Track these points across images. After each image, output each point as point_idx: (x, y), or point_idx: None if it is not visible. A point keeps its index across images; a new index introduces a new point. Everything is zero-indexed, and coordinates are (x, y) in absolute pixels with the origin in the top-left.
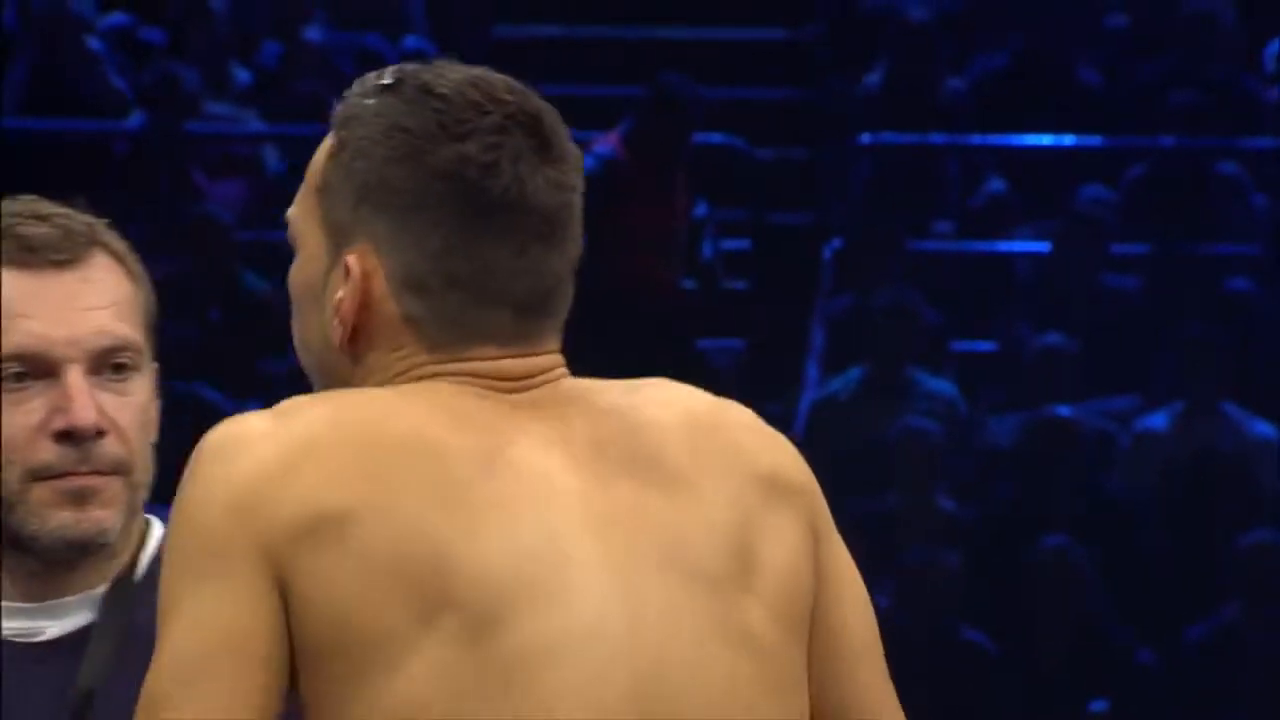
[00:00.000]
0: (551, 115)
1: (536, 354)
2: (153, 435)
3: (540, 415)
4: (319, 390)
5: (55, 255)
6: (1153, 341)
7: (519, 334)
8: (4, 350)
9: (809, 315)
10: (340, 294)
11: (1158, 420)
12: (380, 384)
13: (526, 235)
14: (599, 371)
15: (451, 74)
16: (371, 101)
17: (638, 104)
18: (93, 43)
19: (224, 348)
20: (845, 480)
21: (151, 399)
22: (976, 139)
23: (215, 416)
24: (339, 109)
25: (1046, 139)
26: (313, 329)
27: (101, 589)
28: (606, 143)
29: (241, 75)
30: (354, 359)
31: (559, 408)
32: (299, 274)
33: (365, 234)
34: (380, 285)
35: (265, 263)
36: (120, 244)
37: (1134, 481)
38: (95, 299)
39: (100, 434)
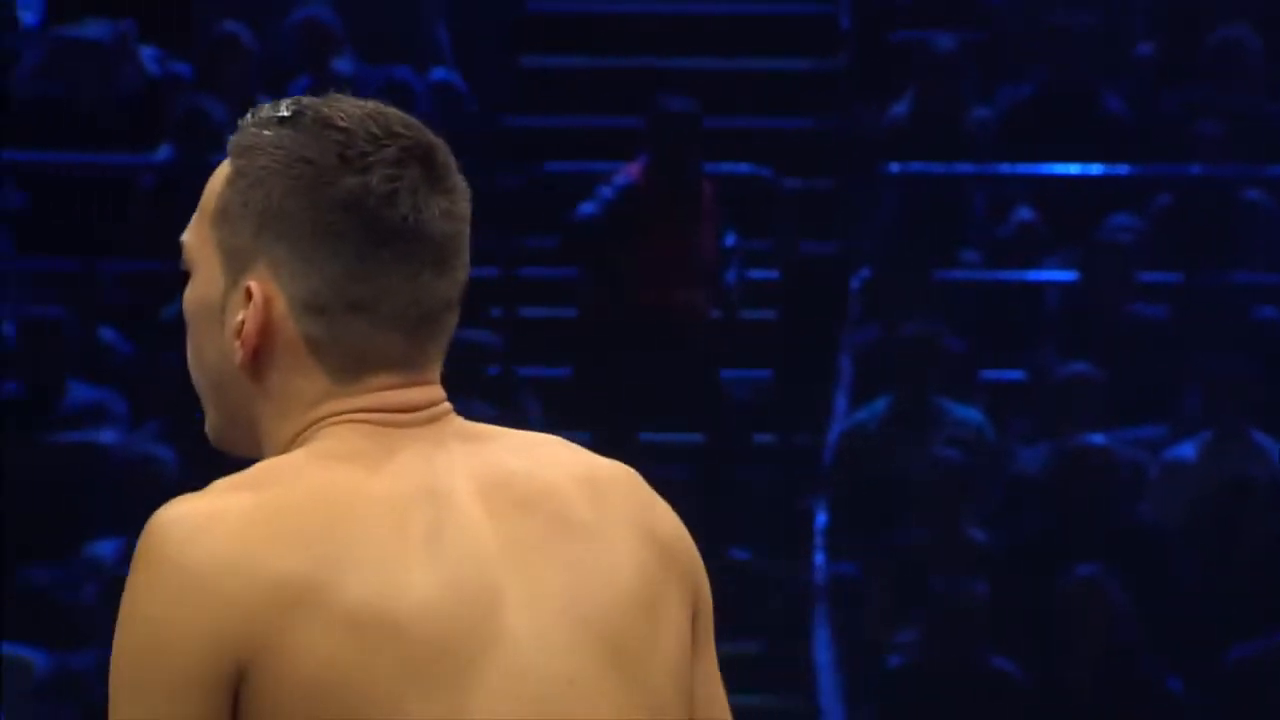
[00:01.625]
0: (444, 149)
1: (428, 382)
2: None
3: (445, 450)
4: (210, 410)
5: None
6: (1181, 370)
7: (411, 359)
8: None
9: (836, 345)
10: (241, 316)
11: (1186, 449)
12: (280, 413)
13: (421, 263)
14: (630, 399)
15: (349, 107)
16: (269, 133)
17: (642, 131)
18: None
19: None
20: (874, 510)
21: None
22: (1004, 168)
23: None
24: (235, 138)
25: (1074, 168)
26: (209, 349)
27: None
28: (627, 173)
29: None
30: (254, 378)
31: (465, 443)
32: (195, 296)
33: (266, 259)
34: (281, 308)
35: None
36: None
37: (1163, 510)
38: None
39: None
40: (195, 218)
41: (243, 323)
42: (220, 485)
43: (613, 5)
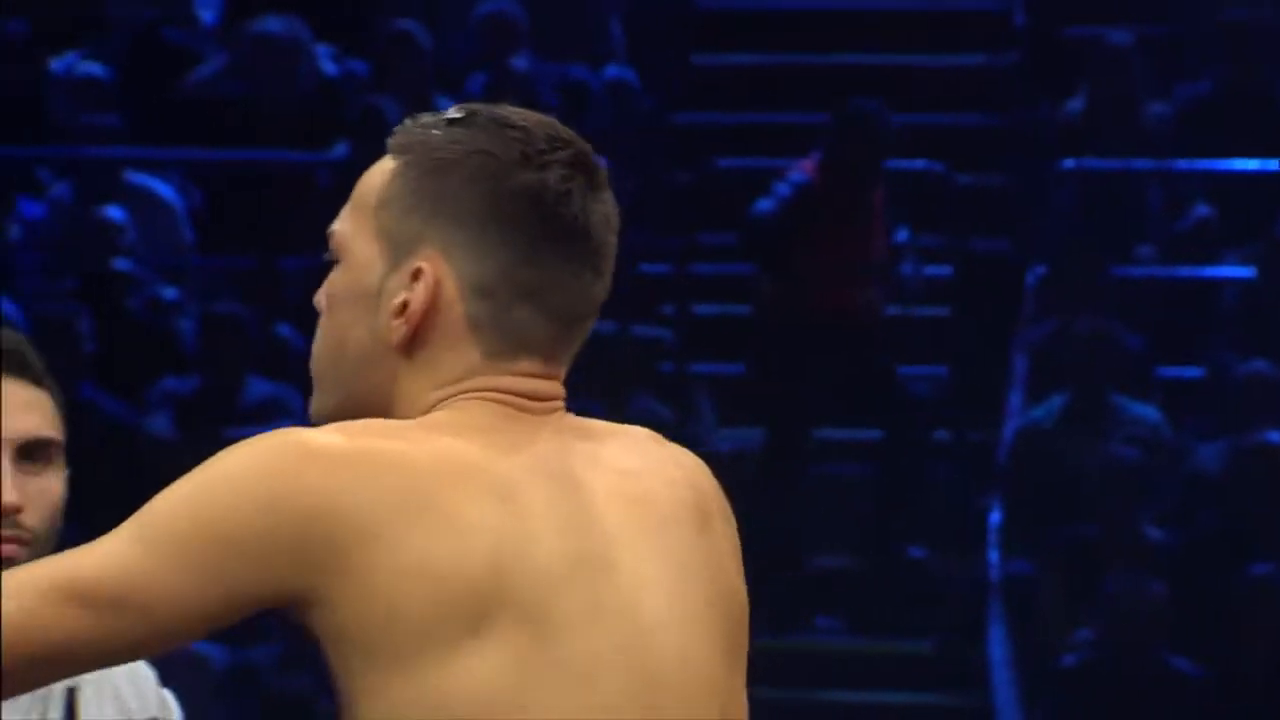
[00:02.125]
0: (602, 164)
1: (559, 377)
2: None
3: (575, 434)
4: (330, 392)
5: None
6: None
7: (554, 353)
8: None
9: (1011, 342)
10: (403, 296)
11: None
12: (428, 386)
13: (583, 263)
14: (805, 396)
15: (522, 112)
16: (439, 131)
17: (828, 129)
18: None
19: None
20: (1049, 508)
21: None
22: (1181, 164)
23: None
24: (399, 137)
25: (1252, 164)
26: (357, 329)
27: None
28: (802, 169)
29: (445, 105)
30: (406, 354)
31: (581, 437)
32: (346, 281)
33: (437, 243)
34: (450, 289)
35: None
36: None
37: None
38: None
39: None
40: (348, 210)
41: (405, 303)
42: (355, 427)
43: (784, 1)
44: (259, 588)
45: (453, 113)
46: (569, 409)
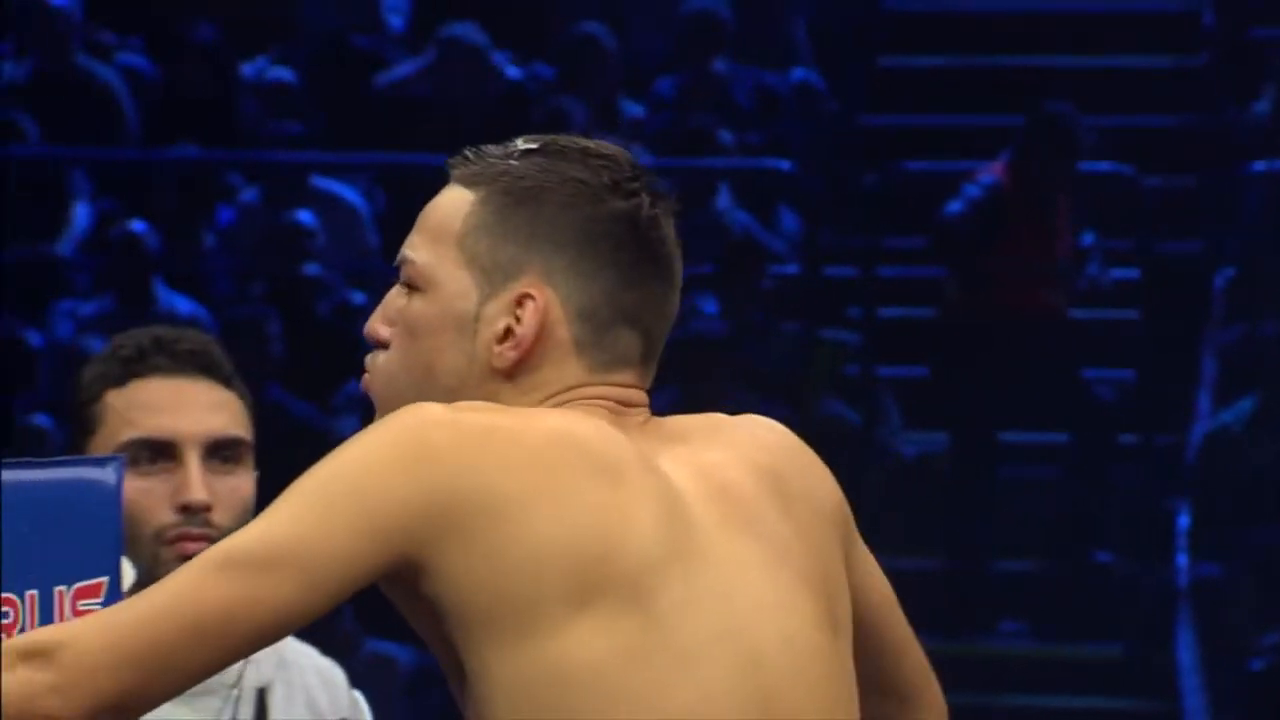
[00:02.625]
0: (667, 189)
1: (646, 388)
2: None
3: (660, 437)
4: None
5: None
6: None
7: (646, 367)
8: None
9: (1200, 345)
10: (504, 323)
11: None
12: (530, 402)
13: (669, 284)
14: (991, 399)
15: (589, 140)
16: (517, 162)
17: (1020, 132)
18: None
19: None
20: (1240, 512)
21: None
22: None
23: None
24: (472, 169)
25: None
26: (450, 357)
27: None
28: (991, 172)
29: (632, 109)
30: (509, 378)
31: (671, 438)
32: (435, 310)
33: (538, 269)
34: (556, 313)
35: None
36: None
37: None
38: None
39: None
40: (423, 239)
41: (508, 329)
42: (478, 405)
43: (969, 4)
44: (385, 542)
45: (526, 144)
46: (760, 410)
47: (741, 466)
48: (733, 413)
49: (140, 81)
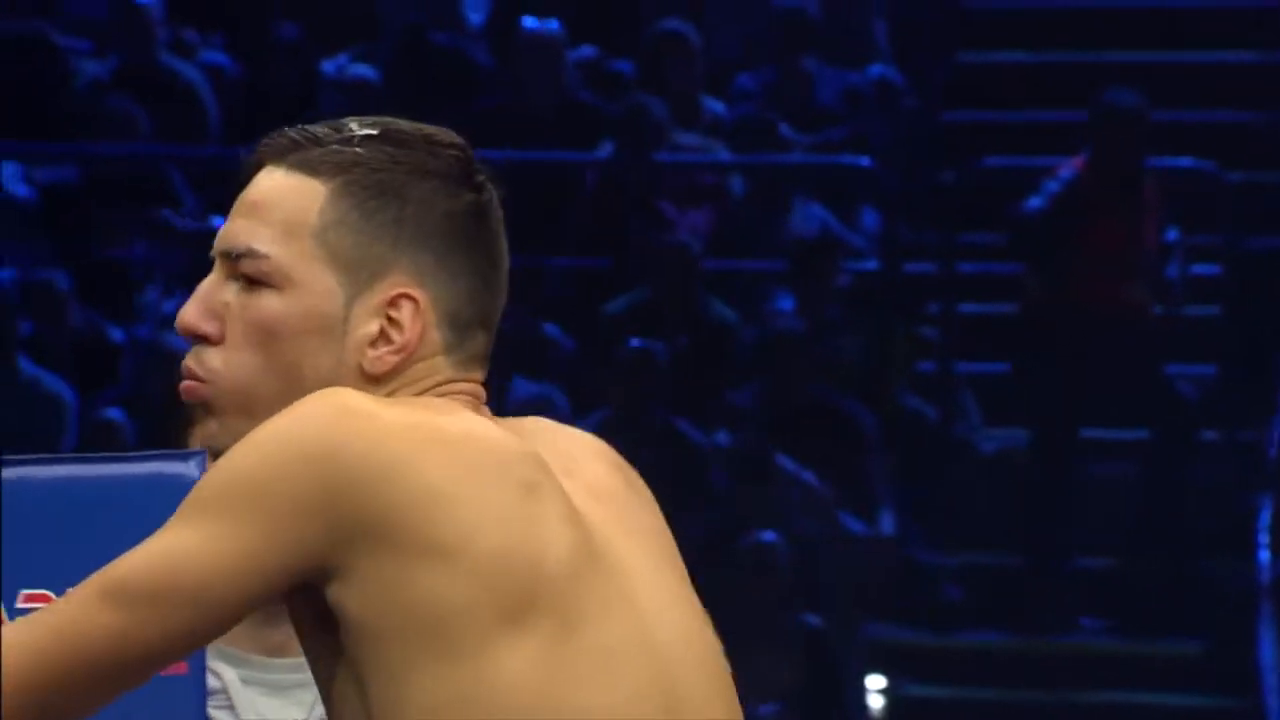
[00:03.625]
0: None
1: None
2: None
3: (521, 433)
4: (256, 421)
5: None
6: None
7: (486, 365)
8: None
9: None
10: (376, 325)
11: None
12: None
13: (504, 277)
14: (1072, 396)
15: (429, 128)
16: (365, 150)
17: (1087, 125)
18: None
19: (692, 376)
20: None
21: None
22: None
23: (686, 446)
24: (309, 154)
25: None
26: (318, 359)
27: None
28: (1070, 167)
29: (713, 105)
30: (375, 381)
31: (527, 428)
32: (297, 310)
33: (406, 268)
34: (428, 315)
35: (731, 292)
36: None
37: None
38: None
39: None
40: (270, 231)
41: (381, 331)
42: (391, 399)
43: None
44: (297, 547)
45: (362, 129)
46: (838, 405)
47: (597, 464)
48: (817, 408)
49: (222, 79)
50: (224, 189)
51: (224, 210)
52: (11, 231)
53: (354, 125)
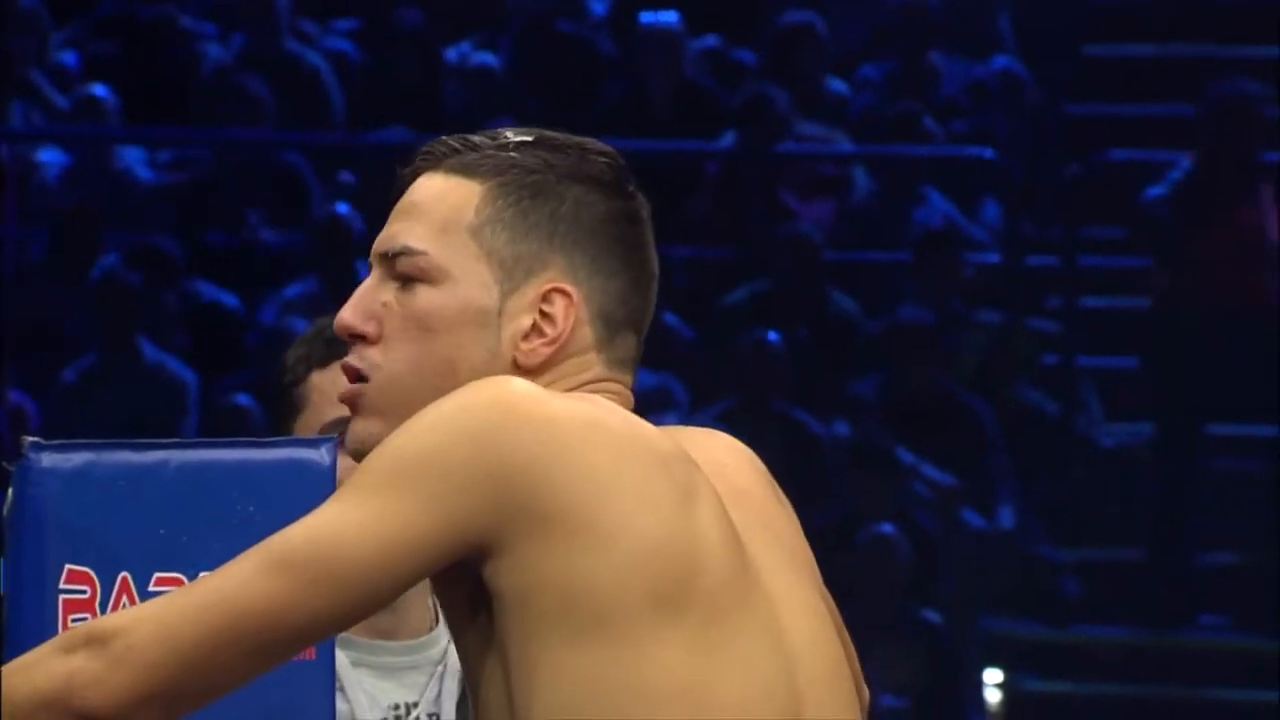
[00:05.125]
0: None
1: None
2: None
3: (675, 437)
4: (407, 415)
5: None
6: None
7: (635, 366)
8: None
9: None
10: (530, 318)
11: None
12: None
13: (654, 289)
14: (1198, 391)
15: (579, 136)
16: (518, 154)
17: (1205, 117)
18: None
19: (813, 367)
20: None
21: None
22: None
23: (806, 437)
24: (467, 158)
25: None
26: (471, 352)
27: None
28: (1192, 160)
29: (833, 96)
30: (530, 377)
31: (677, 432)
32: (453, 304)
33: (562, 264)
34: (581, 311)
35: (853, 283)
36: None
37: None
38: None
39: None
40: (426, 230)
41: (534, 325)
42: (560, 393)
43: None
44: (459, 527)
45: (517, 136)
46: (959, 398)
47: (744, 470)
48: (938, 402)
49: (346, 66)
50: (348, 174)
51: (348, 196)
52: (136, 215)
53: (509, 134)
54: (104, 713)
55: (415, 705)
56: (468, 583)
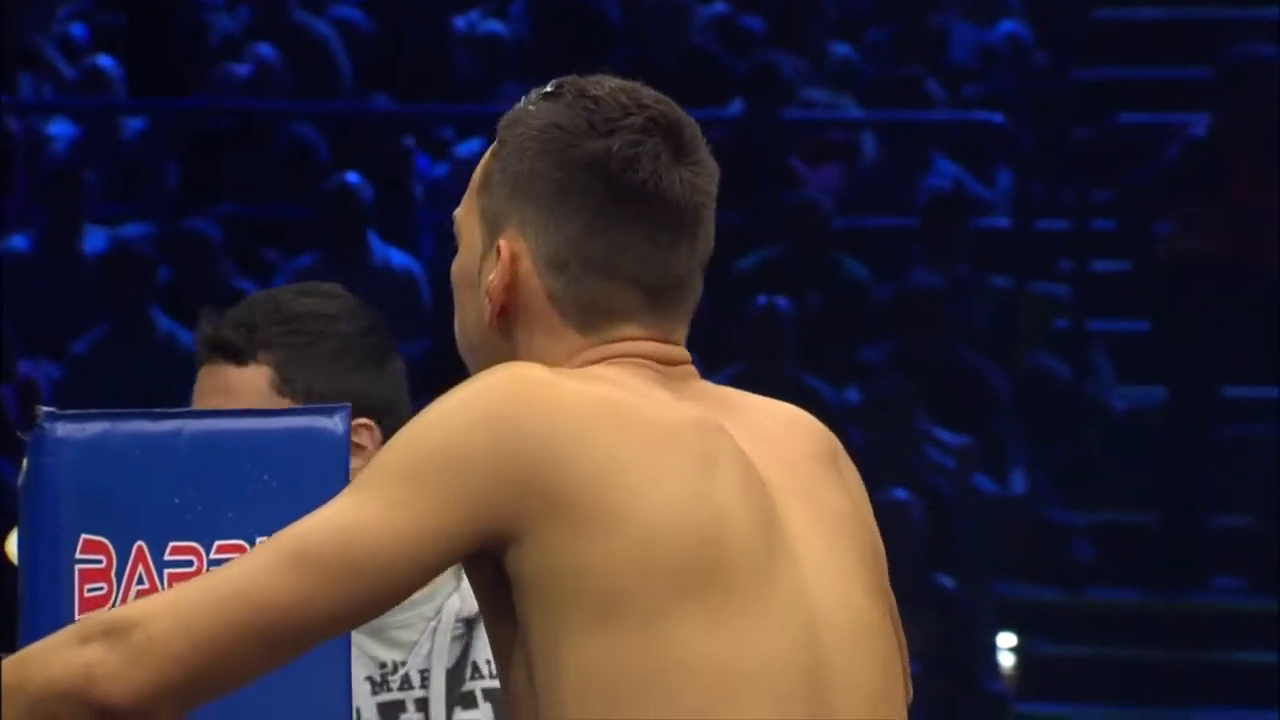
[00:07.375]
0: (693, 127)
1: (676, 343)
2: None
3: (715, 399)
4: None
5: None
6: None
7: (654, 319)
8: None
9: None
10: (491, 275)
11: None
12: (553, 357)
13: (657, 225)
14: (1211, 353)
15: (608, 83)
16: (534, 107)
17: (1219, 80)
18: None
19: (823, 333)
20: None
21: None
22: None
23: (817, 403)
24: (506, 116)
25: None
26: (469, 313)
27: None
28: (1203, 123)
29: (841, 61)
30: (504, 336)
31: (721, 398)
32: (459, 265)
33: (515, 220)
34: (526, 265)
35: (863, 249)
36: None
37: None
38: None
39: None
40: (466, 193)
41: (492, 280)
42: (573, 372)
43: None
44: (475, 516)
45: (549, 87)
46: (971, 362)
47: (796, 440)
48: (949, 367)
49: (354, 34)
50: (356, 141)
51: (357, 164)
52: (146, 184)
53: (551, 85)
54: (124, 705)
55: (402, 664)
56: (489, 570)
